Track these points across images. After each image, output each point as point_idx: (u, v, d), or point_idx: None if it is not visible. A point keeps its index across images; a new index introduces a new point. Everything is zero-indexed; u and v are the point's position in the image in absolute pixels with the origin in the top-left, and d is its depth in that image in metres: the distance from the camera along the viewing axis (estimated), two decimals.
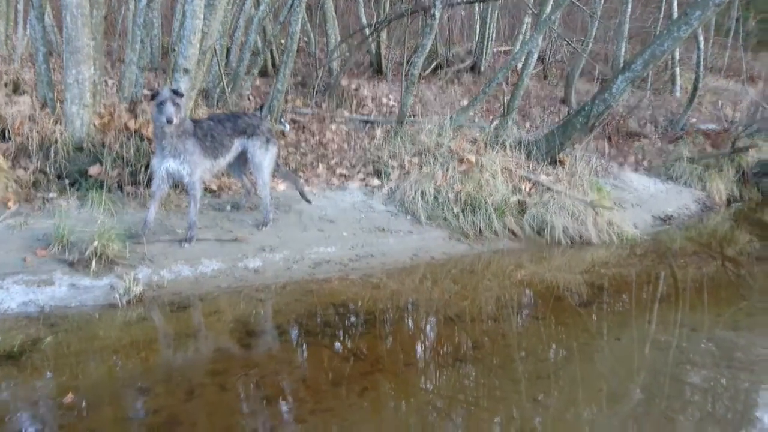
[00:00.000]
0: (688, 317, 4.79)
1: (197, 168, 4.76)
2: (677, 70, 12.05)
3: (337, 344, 3.91)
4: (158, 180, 4.71)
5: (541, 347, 4.11)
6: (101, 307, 4.01)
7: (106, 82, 6.71)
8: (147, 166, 5.35)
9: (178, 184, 5.17)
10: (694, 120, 10.85)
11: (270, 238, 5.14)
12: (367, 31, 8.96)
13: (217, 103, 6.67)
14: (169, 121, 4.44)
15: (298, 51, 9.57)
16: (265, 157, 5.17)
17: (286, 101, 7.66)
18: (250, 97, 7.72)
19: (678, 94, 11.95)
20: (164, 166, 4.67)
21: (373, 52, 9.95)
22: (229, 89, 6.79)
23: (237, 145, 5.11)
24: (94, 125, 5.32)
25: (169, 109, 4.43)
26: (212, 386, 3.25)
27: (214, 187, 5.75)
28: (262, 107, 7.09)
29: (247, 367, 3.48)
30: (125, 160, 5.31)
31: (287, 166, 6.31)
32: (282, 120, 7.11)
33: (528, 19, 10.55)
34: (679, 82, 12.06)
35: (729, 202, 9.08)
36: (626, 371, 3.82)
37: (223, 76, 6.65)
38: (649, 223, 7.54)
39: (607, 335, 4.41)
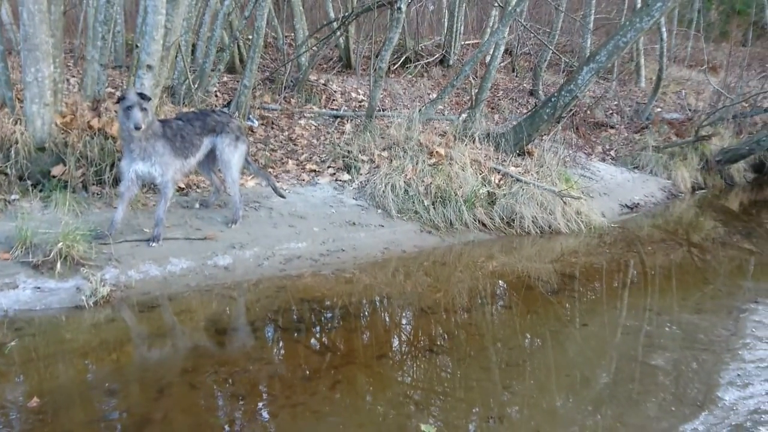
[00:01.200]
0: (654, 302, 4.90)
1: (169, 169, 4.71)
2: (642, 60, 12.25)
3: (309, 339, 3.91)
4: (127, 182, 4.64)
5: (512, 336, 4.17)
6: (67, 310, 3.94)
7: (67, 80, 6.59)
8: (112, 165, 5.27)
9: (146, 184, 5.11)
10: (658, 109, 11.06)
11: (240, 235, 5.10)
12: (335, 26, 8.92)
13: (183, 100, 6.59)
14: (137, 128, 4.36)
15: (266, 46, 9.52)
16: (233, 155, 5.13)
17: (254, 97, 7.60)
18: (217, 94, 7.64)
19: (643, 85, 12.16)
20: (133, 168, 4.59)
21: (342, 46, 9.92)
22: (195, 86, 6.70)
23: (206, 143, 5.06)
24: (56, 124, 5.20)
25: (137, 114, 4.35)
26: (182, 385, 3.22)
27: (182, 185, 5.69)
28: (229, 103, 7.06)
29: (218, 364, 3.46)
30: (89, 160, 5.21)
31: (257, 162, 6.26)
32: (250, 116, 7.06)
33: (495, 12, 10.62)
34: (644, 73, 12.27)
35: (693, 190, 9.29)
36: (594, 356, 3.90)
37: (189, 73, 6.57)
38: (616, 212, 7.68)
39: (576, 322, 4.48)
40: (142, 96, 4.42)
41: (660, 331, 4.25)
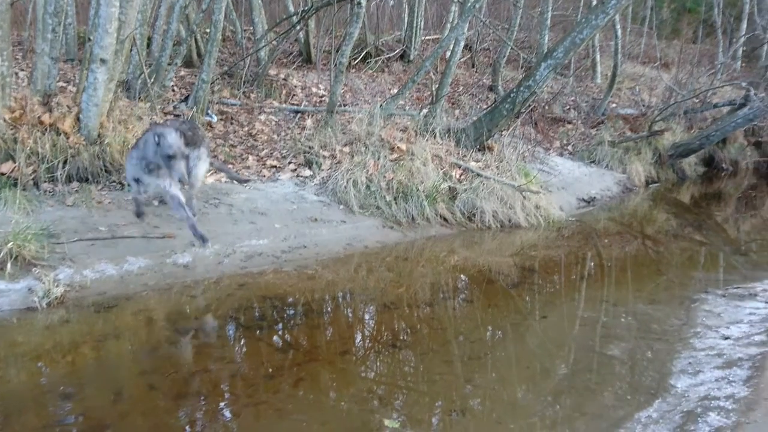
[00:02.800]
0: (611, 294, 5.02)
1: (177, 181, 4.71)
2: (597, 57, 12.51)
3: (272, 337, 3.88)
4: (143, 191, 4.62)
5: (474, 329, 4.22)
6: (19, 312, 3.81)
7: (16, 74, 6.36)
8: (65, 162, 5.13)
9: (99, 180, 5.00)
10: (614, 105, 11.32)
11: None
12: (295, 20, 8.84)
13: (138, 95, 6.43)
14: (182, 182, 4.41)
15: (224, 40, 9.37)
16: (203, 168, 5.17)
17: (213, 92, 7.47)
18: (174, 88, 7.49)
19: (599, 81, 12.42)
20: (155, 183, 4.54)
21: (302, 41, 9.84)
22: (151, 80, 6.55)
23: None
24: (5, 120, 5.02)
25: (180, 167, 4.32)
26: (141, 386, 3.16)
27: None
28: (187, 98, 6.93)
29: (178, 365, 3.40)
30: (41, 156, 5.05)
31: (216, 158, 6.17)
32: (209, 111, 6.94)
33: (455, 8, 10.68)
34: (600, 69, 12.53)
35: (647, 184, 9.55)
36: (554, 348, 3.98)
37: (144, 67, 6.41)
38: (574, 206, 7.84)
39: (536, 314, 4.56)
40: (182, 133, 4.41)
41: (616, 321, 4.36)
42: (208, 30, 7.68)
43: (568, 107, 10.97)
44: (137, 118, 5.88)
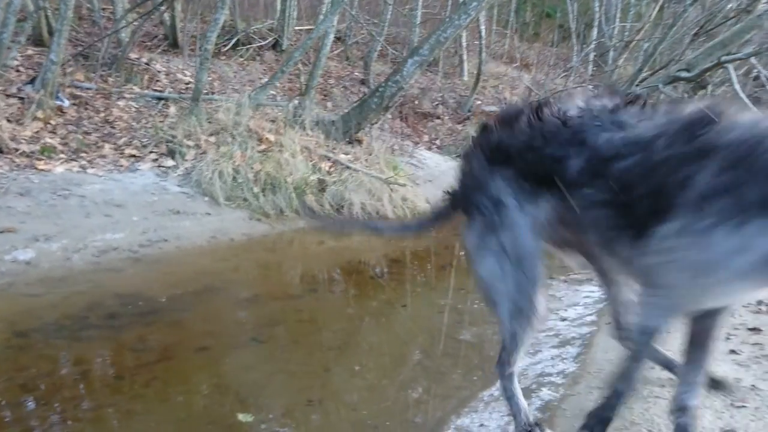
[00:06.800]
0: (467, 282, 5.31)
1: None
2: (465, 55, 13.08)
3: (123, 336, 3.70)
4: None
5: (338, 320, 4.30)
6: None
7: None
8: None
9: None
10: (479, 102, 11.92)
11: (45, 226, 4.67)
12: (159, 0, 8.41)
13: None
14: None
15: (80, 18, 8.73)
16: None
17: (64, 74, 6.92)
18: (20, 69, 6.86)
19: (465, 78, 13.00)
20: None
21: (168, 23, 9.38)
22: None
23: None
24: None
25: None
26: None
27: None
28: (34, 80, 6.38)
29: (14, 371, 3.15)
30: None
31: (67, 146, 5.76)
32: (59, 95, 6.45)
33: None
34: (467, 67, 13.12)
35: None
36: (411, 335, 4.16)
37: None
38: (440, 198, 8.17)
39: (398, 303, 4.73)
40: None
41: (469, 308, 4.63)
42: (59, 6, 7.10)
43: (436, 103, 11.39)
44: None
